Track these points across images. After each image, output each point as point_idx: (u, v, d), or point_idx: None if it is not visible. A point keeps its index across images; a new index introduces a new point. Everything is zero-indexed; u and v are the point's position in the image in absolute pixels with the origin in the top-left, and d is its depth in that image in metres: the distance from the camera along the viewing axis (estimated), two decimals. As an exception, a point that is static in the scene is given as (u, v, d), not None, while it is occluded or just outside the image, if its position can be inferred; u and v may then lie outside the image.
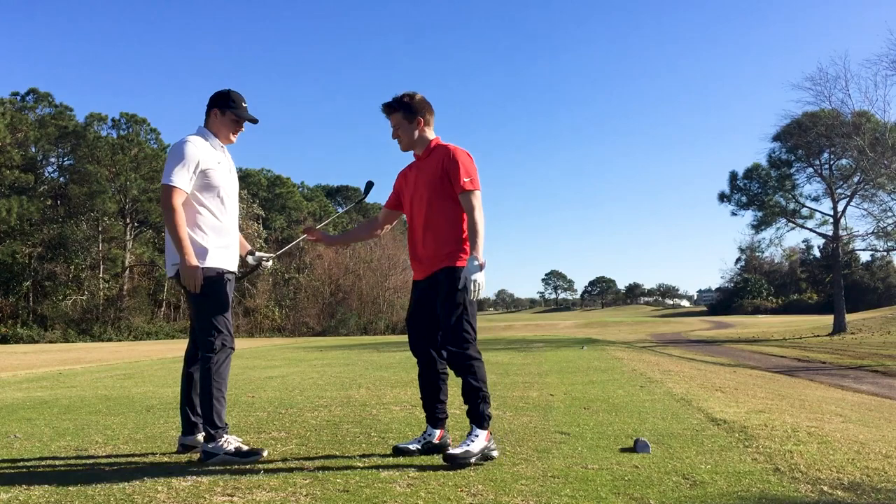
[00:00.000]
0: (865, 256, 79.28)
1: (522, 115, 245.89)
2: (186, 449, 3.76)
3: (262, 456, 3.57)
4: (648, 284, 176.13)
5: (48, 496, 2.84)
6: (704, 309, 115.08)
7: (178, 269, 3.67)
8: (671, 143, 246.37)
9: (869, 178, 30.16)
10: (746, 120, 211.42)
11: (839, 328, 33.73)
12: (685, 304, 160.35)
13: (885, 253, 50.20)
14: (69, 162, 42.93)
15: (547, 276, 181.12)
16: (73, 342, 34.06)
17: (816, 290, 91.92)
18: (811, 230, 37.32)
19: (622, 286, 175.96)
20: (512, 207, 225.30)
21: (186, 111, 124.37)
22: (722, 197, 37.53)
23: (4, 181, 37.64)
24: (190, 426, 3.78)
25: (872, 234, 33.99)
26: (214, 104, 3.83)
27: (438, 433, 3.71)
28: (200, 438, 3.69)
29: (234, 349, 3.70)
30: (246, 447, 3.60)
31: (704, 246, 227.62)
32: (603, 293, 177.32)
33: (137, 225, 44.40)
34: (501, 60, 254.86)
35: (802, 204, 36.46)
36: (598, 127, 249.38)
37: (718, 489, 2.91)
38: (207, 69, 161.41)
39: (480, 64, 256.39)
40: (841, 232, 35.13)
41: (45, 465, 3.55)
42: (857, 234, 35.42)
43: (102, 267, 41.91)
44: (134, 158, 41.53)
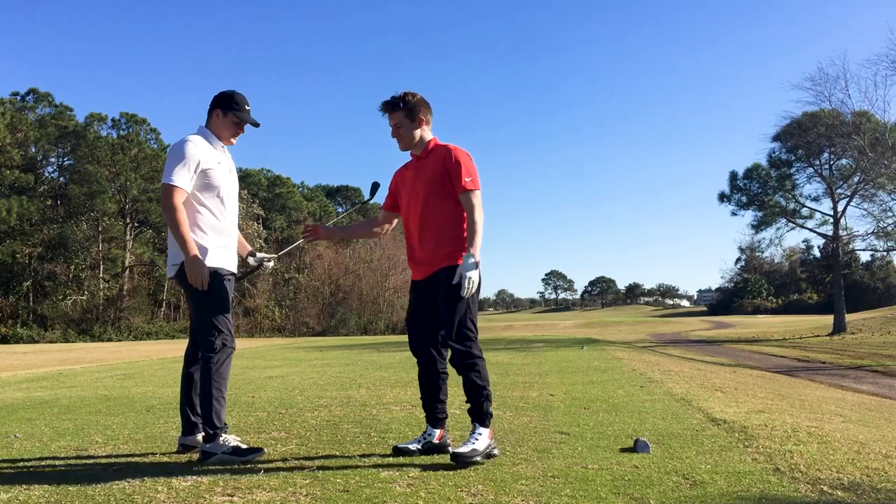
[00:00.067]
0: (865, 256, 79.42)
1: (522, 115, 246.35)
2: (186, 449, 3.76)
3: (260, 455, 3.57)
4: (648, 284, 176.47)
5: (48, 496, 2.84)
6: (704, 309, 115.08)
7: (178, 269, 3.67)
8: (671, 143, 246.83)
9: (869, 178, 30.16)
10: (746, 120, 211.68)
11: (839, 328, 33.74)
12: (685, 304, 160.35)
13: (885, 253, 50.25)
14: (69, 162, 42.93)
15: (547, 276, 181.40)
16: (73, 342, 34.06)
17: (816, 290, 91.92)
18: (811, 230, 37.41)
19: (622, 286, 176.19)
20: (512, 207, 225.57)
21: (186, 111, 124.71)
22: (722, 197, 37.57)
23: (4, 181, 37.63)
24: (190, 426, 3.78)
25: (872, 234, 34.04)
26: (217, 104, 3.82)
27: (438, 433, 3.71)
28: (200, 438, 3.69)
29: (234, 349, 3.71)
30: (244, 446, 3.61)
31: (704, 246, 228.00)
32: (603, 293, 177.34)
33: (137, 225, 44.40)
34: (501, 60, 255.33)
35: (802, 204, 36.51)
36: (598, 127, 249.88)
37: (718, 489, 2.91)
38: (207, 69, 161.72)
39: (480, 64, 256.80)
40: (841, 232, 35.14)
41: (45, 465, 3.55)
42: (857, 234, 35.48)
43: (102, 267, 41.92)
44: (134, 158, 41.54)
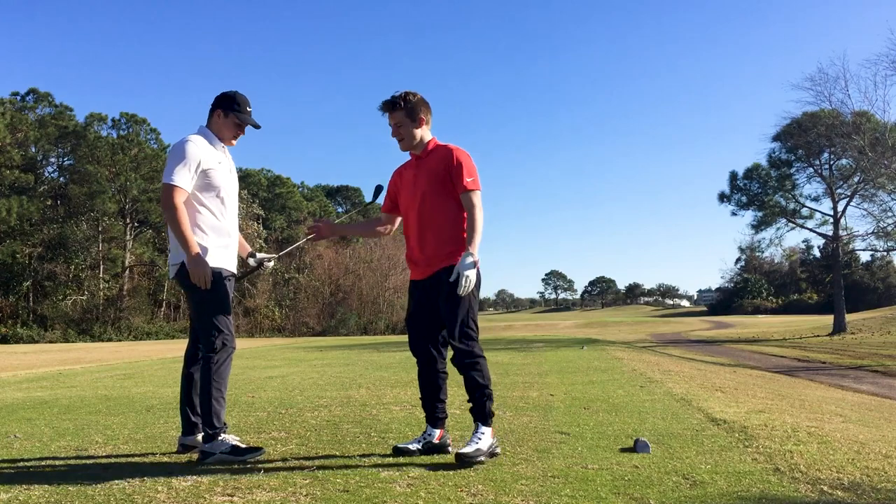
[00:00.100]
0: (865, 256, 79.45)
1: (522, 115, 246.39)
2: (186, 449, 3.76)
3: (259, 454, 3.56)
4: (648, 284, 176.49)
5: (48, 496, 2.84)
6: (704, 309, 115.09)
7: (178, 269, 3.67)
8: (671, 143, 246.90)
9: (869, 178, 30.17)
10: (746, 120, 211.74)
11: (839, 328, 33.74)
12: (685, 304, 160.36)
13: (885, 253, 50.24)
14: (69, 162, 42.94)
15: (547, 276, 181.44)
16: (73, 342, 34.06)
17: (816, 290, 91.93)
18: (811, 230, 37.44)
19: (622, 286, 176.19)
20: (512, 207, 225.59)
21: (186, 111, 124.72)
22: (722, 197, 37.59)
23: (4, 181, 37.64)
24: (190, 426, 3.78)
25: (872, 234, 34.05)
26: (219, 105, 3.81)
27: (438, 433, 3.71)
28: (200, 439, 3.69)
29: (234, 349, 3.71)
30: (243, 446, 3.60)
31: (704, 246, 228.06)
32: (603, 293, 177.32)
33: (137, 225, 44.41)
34: (501, 60, 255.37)
35: (802, 204, 36.53)
36: (598, 127, 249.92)
37: (718, 489, 2.91)
38: (207, 69, 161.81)
39: (480, 64, 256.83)
40: (841, 232, 35.14)
41: (45, 465, 3.55)
42: (857, 234, 35.50)
43: (102, 267, 41.92)
44: (134, 158, 41.55)
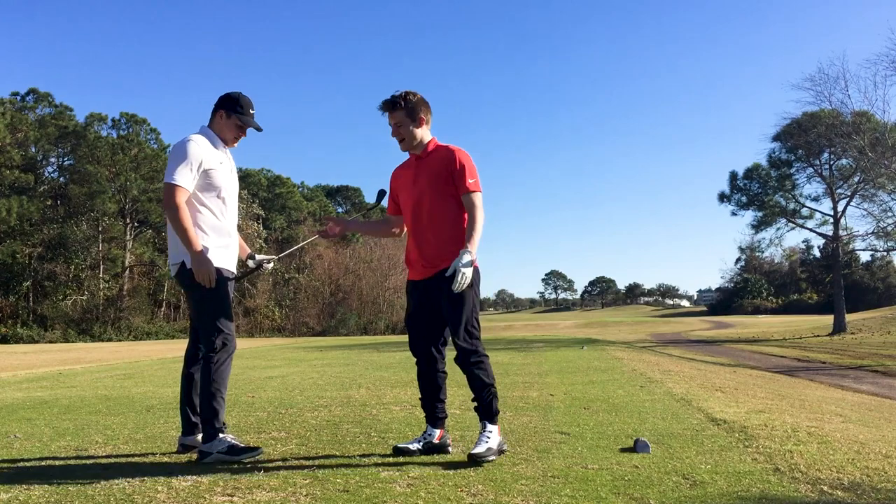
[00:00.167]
0: (865, 256, 79.41)
1: (522, 115, 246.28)
2: (186, 449, 3.76)
3: (257, 454, 3.56)
4: (648, 284, 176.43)
5: (48, 496, 2.84)
6: (704, 309, 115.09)
7: (178, 268, 3.67)
8: (671, 143, 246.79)
9: (869, 178, 30.17)
10: (746, 120, 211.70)
11: (839, 328, 33.74)
12: (685, 304, 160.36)
13: (885, 253, 50.26)
14: (69, 162, 42.95)
15: (547, 276, 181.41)
16: (73, 342, 34.06)
17: (816, 290, 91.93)
18: (811, 230, 37.46)
19: (622, 286, 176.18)
20: (512, 207, 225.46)
21: (186, 111, 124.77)
22: (722, 197, 37.60)
23: (4, 181, 37.65)
24: (190, 426, 3.78)
25: (872, 234, 34.07)
26: (221, 106, 3.80)
27: (438, 433, 3.71)
28: (200, 439, 3.69)
29: (235, 349, 3.71)
30: (241, 445, 3.59)
31: (704, 246, 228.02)
32: (603, 293, 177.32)
33: (137, 225, 44.40)
34: (501, 60, 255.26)
35: (802, 204, 36.54)
36: (598, 127, 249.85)
37: (718, 489, 2.90)
38: (207, 69, 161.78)
39: (480, 64, 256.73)
40: (841, 232, 35.15)
41: (45, 465, 3.55)
42: (857, 234, 35.51)
43: (102, 267, 41.93)
44: (134, 158, 41.55)
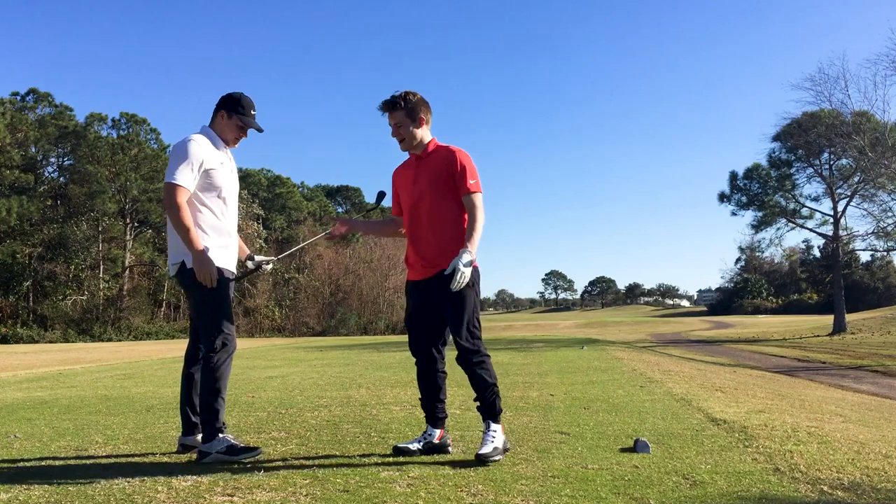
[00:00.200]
0: (865, 256, 79.41)
1: (522, 115, 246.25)
2: (186, 449, 3.76)
3: (256, 455, 3.56)
4: (648, 284, 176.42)
5: (48, 496, 2.84)
6: (704, 309, 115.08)
7: (178, 268, 3.66)
8: (671, 143, 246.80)
9: (869, 178, 30.17)
10: (746, 120, 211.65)
11: (839, 328, 33.74)
12: (685, 304, 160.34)
13: (885, 253, 50.28)
14: (69, 162, 42.94)
15: (547, 276, 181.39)
16: (73, 342, 34.06)
17: (816, 290, 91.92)
18: (811, 230, 37.46)
19: (622, 286, 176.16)
20: (512, 207, 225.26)
21: (186, 111, 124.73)
22: (722, 197, 37.60)
23: (4, 181, 37.64)
24: (190, 426, 3.78)
25: (872, 234, 34.07)
26: (223, 106, 3.80)
27: (439, 433, 3.71)
28: (200, 439, 3.69)
29: (235, 349, 3.70)
30: (240, 445, 3.59)
31: (704, 246, 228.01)
32: (603, 293, 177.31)
33: (137, 225, 44.40)
34: (501, 60, 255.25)
35: (802, 204, 36.54)
36: (598, 127, 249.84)
37: (718, 489, 2.91)
38: (207, 69, 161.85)
39: (480, 64, 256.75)
40: (841, 232, 35.15)
41: (45, 465, 3.55)
42: (857, 234, 35.52)
43: (102, 267, 41.92)
44: (134, 158, 41.55)
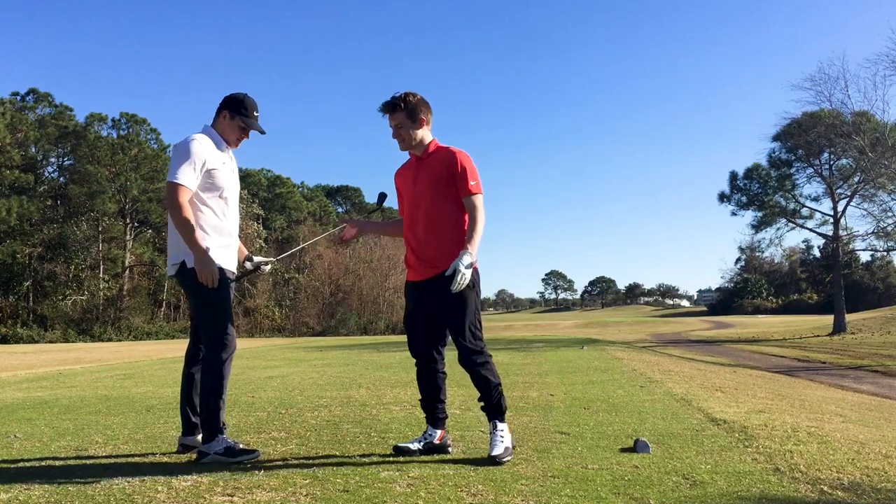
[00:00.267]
0: (865, 256, 79.40)
1: (522, 115, 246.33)
2: (186, 449, 3.76)
3: (254, 457, 3.55)
4: (648, 284, 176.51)
5: (48, 496, 2.84)
6: (704, 309, 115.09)
7: (178, 268, 3.66)
8: (671, 143, 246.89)
9: (869, 178, 30.16)
10: (746, 120, 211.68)
11: (839, 328, 33.74)
12: (685, 304, 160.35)
13: (885, 253, 50.21)
14: (69, 162, 42.92)
15: (547, 276, 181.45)
16: (73, 342, 34.05)
17: (816, 290, 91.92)
18: (811, 230, 37.46)
19: (622, 286, 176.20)
20: (512, 207, 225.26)
21: (186, 111, 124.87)
22: (722, 197, 37.60)
23: (4, 181, 37.63)
24: (190, 426, 3.78)
25: (872, 234, 34.06)
26: (226, 106, 3.79)
27: (439, 433, 3.72)
28: (200, 439, 3.69)
29: (235, 349, 3.70)
30: (240, 447, 3.59)
31: (704, 246, 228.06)
32: (603, 293, 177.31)
33: (137, 225, 44.39)
34: (501, 60, 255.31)
35: (802, 204, 36.54)
36: (598, 127, 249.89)
37: (718, 489, 2.91)
38: (207, 69, 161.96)
39: (480, 64, 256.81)
40: (841, 232, 35.15)
41: (45, 465, 3.55)
42: (857, 234, 35.51)
43: (102, 267, 41.90)
44: (134, 158, 41.54)
